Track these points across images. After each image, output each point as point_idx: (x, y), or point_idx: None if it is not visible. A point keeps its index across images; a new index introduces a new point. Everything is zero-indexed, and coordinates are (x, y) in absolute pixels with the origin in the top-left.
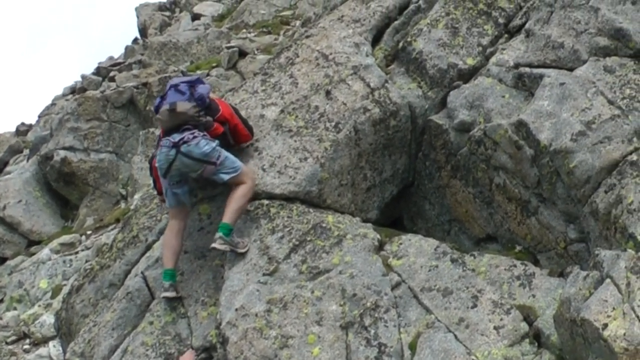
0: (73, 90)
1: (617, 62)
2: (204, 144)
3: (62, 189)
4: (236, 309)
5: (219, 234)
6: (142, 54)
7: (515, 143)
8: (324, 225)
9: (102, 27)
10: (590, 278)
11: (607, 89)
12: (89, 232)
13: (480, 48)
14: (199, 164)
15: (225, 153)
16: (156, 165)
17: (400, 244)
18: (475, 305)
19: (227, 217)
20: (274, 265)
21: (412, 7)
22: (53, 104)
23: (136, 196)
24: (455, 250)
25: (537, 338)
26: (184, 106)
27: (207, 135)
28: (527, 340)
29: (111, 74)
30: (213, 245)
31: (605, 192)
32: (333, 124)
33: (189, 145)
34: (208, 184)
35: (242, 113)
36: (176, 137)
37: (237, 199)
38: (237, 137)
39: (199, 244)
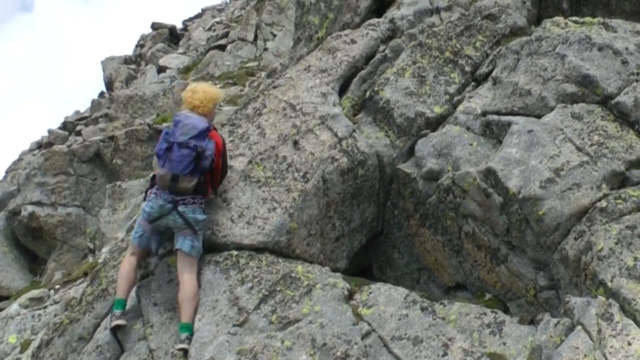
0: (40, 145)
1: (584, 108)
2: (199, 212)
3: (30, 244)
4: None
5: (185, 335)
6: (109, 108)
7: (484, 191)
8: (293, 275)
9: (68, 82)
10: (561, 325)
11: (575, 135)
12: (57, 287)
13: (448, 96)
14: (185, 224)
15: (202, 230)
16: (145, 207)
17: (370, 293)
18: (445, 354)
19: (186, 317)
20: (243, 315)
21: (378, 56)
22: (20, 159)
23: (104, 249)
24: (425, 298)
25: None
26: (186, 184)
27: (203, 203)
28: None
29: (77, 128)
30: (181, 346)
31: (575, 238)
32: (301, 174)
33: (186, 207)
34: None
35: None
36: (177, 197)
37: (191, 300)
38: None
39: (168, 296)
